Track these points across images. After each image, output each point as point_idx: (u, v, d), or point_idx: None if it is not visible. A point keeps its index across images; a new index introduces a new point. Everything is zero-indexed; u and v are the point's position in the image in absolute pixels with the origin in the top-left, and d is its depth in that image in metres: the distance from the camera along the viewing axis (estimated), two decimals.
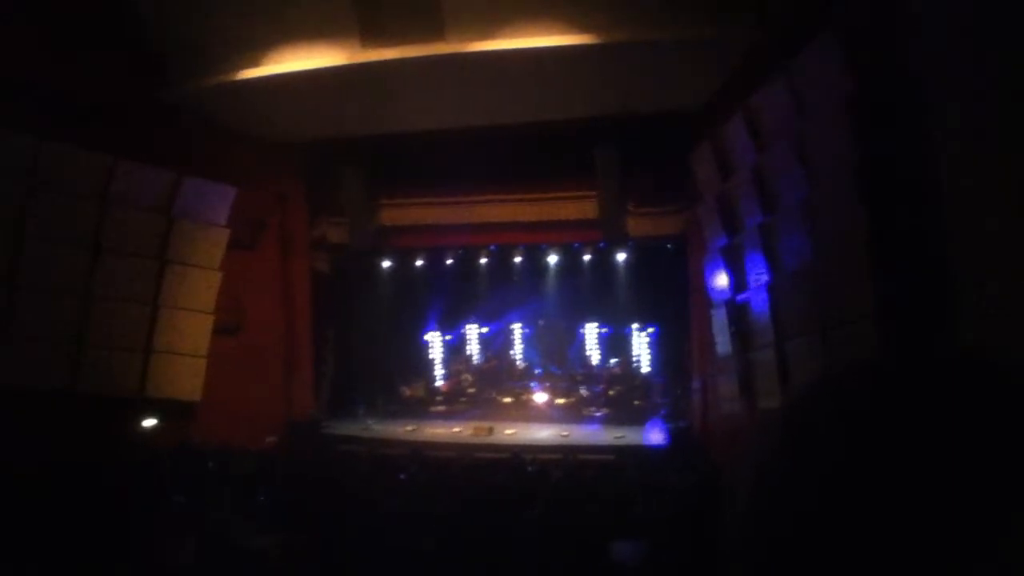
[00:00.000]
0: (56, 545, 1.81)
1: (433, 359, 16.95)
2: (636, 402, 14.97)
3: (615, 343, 16.36)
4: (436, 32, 9.54)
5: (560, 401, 15.46)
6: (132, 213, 10.41)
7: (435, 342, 17.03)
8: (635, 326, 15.98)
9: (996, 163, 4.57)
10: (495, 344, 17.18)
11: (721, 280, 10.15)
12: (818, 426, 0.74)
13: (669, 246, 13.72)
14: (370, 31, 9.68)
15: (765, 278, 8.81)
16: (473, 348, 17.22)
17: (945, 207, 5.02)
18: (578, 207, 13.52)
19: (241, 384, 11.74)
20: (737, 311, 9.70)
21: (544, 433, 13.31)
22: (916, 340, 5.33)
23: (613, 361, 16.19)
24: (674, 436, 12.09)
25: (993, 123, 4.54)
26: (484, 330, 17.21)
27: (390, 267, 16.17)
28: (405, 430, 13.58)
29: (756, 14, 8.57)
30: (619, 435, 12.88)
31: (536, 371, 16.48)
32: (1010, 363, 0.70)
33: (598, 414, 14.71)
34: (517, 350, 16.95)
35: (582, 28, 9.26)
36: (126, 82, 9.99)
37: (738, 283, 9.68)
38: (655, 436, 12.70)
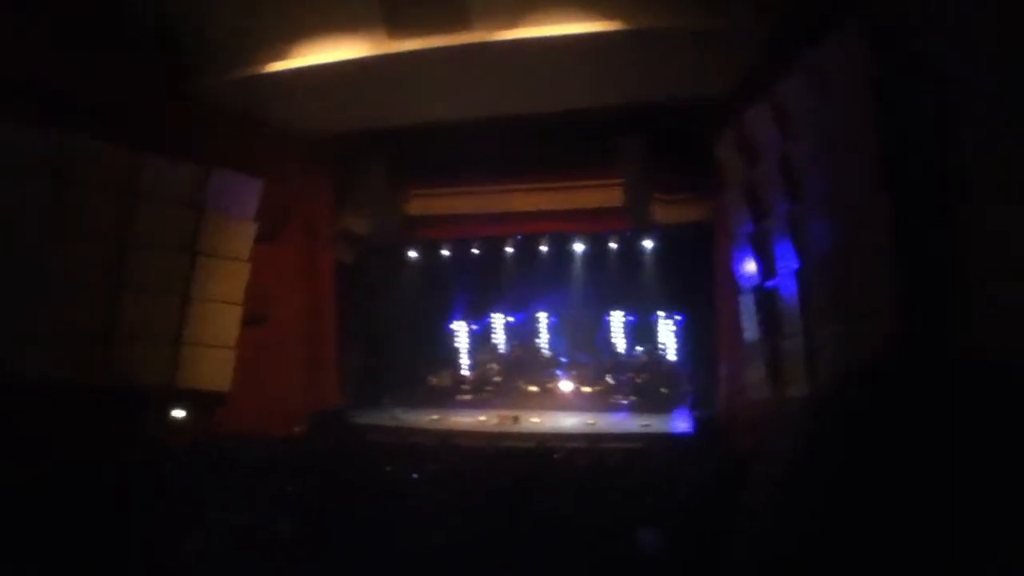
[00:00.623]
0: (69, 539, 1.84)
1: (459, 348, 17.03)
2: (663, 390, 14.95)
3: (642, 331, 16.32)
4: (461, 22, 9.53)
5: (587, 389, 15.47)
6: (161, 207, 10.53)
7: (461, 331, 17.10)
8: (661, 314, 15.92)
9: (1020, 151, 4.49)
10: (521, 333, 17.20)
11: (748, 267, 10.06)
12: (827, 426, 0.76)
13: (695, 233, 13.63)
14: (395, 22, 9.69)
15: (793, 265, 8.73)
16: (499, 337, 17.26)
17: (972, 191, 4.94)
18: (604, 195, 13.47)
19: (268, 374, 11.88)
20: (765, 298, 9.62)
21: (570, 421, 13.32)
22: (941, 331, 5.28)
23: (640, 349, 16.16)
24: (701, 424, 12.05)
25: (1018, 112, 4.46)
26: (510, 319, 17.23)
27: (416, 257, 16.26)
28: (431, 419, 13.65)
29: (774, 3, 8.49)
30: (646, 423, 12.87)
31: (562, 360, 16.48)
32: (1015, 362, 0.71)
33: (625, 402, 14.71)
34: (543, 339, 16.97)
35: (606, 15, 9.20)
36: (150, 77, 10.09)
37: (766, 270, 9.60)
38: (682, 424, 12.68)
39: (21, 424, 6.94)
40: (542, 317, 16.95)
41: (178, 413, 10.65)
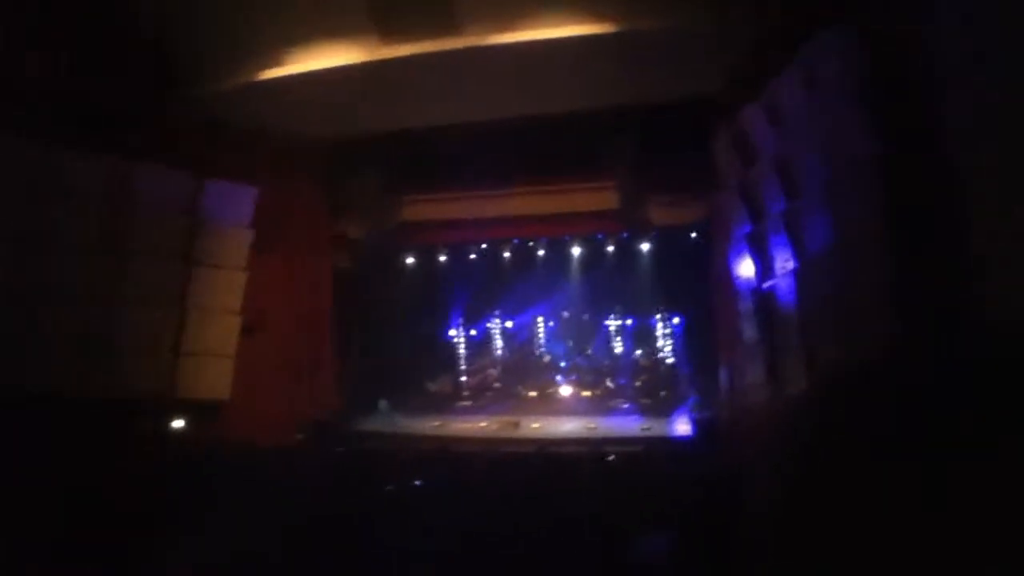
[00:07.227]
0: (81, 545, 1.82)
1: (458, 354, 17.01)
2: (662, 393, 14.93)
3: (640, 334, 16.34)
4: (452, 27, 9.51)
5: (586, 393, 15.48)
6: (155, 217, 10.48)
7: (460, 337, 17.08)
8: (660, 316, 15.92)
9: (1014, 143, 4.46)
10: (520, 338, 17.20)
11: (746, 267, 10.03)
12: (826, 425, 0.73)
13: (693, 234, 13.64)
14: (385, 28, 9.67)
15: (790, 265, 8.70)
16: (498, 342, 17.24)
17: (964, 190, 4.92)
18: (600, 197, 13.45)
19: (265, 383, 11.82)
20: (763, 298, 9.59)
21: (570, 426, 13.29)
22: (937, 324, 5.24)
23: (638, 352, 16.14)
24: (700, 426, 12.01)
25: (1009, 104, 4.44)
26: (509, 324, 17.23)
27: (413, 263, 16.25)
28: (431, 426, 13.61)
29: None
30: (646, 426, 12.84)
31: (561, 364, 16.48)
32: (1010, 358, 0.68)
33: (624, 406, 14.69)
34: (542, 343, 16.96)
35: (597, 17, 9.18)
36: (142, 86, 10.04)
37: (763, 270, 9.57)
38: (682, 427, 12.64)
39: (21, 436, 6.89)
40: (540, 321, 16.95)
41: (176, 423, 10.59)
